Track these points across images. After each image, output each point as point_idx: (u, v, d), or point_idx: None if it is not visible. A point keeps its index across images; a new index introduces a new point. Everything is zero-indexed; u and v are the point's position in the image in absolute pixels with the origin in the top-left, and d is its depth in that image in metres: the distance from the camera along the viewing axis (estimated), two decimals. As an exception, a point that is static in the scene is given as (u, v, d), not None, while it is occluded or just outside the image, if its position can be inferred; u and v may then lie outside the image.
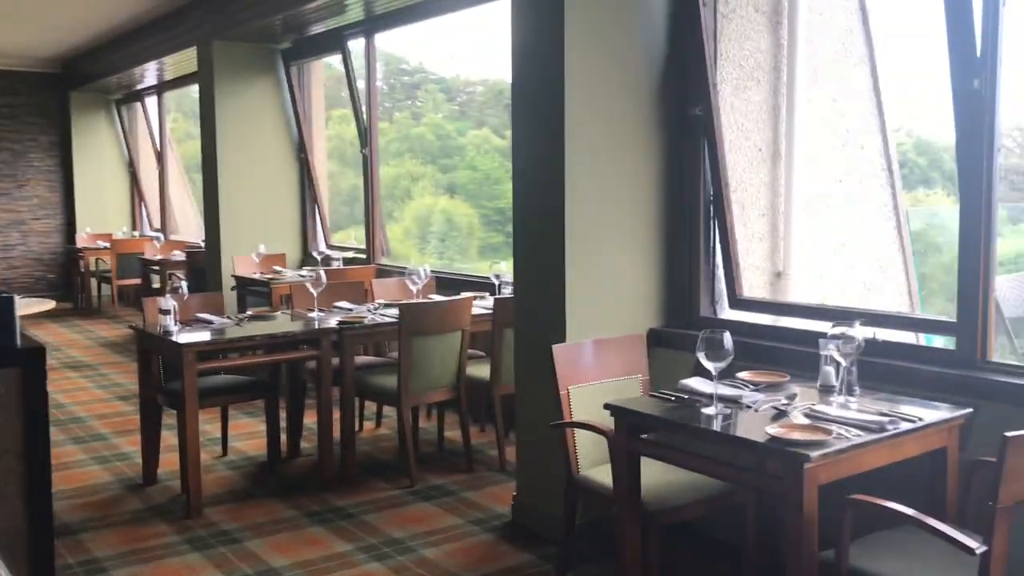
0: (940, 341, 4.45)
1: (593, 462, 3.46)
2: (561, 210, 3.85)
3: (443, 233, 14.12)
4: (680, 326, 4.18)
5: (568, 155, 3.83)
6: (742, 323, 4.09)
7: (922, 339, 3.97)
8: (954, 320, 3.27)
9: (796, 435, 2.57)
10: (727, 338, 2.86)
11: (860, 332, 2.99)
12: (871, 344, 3.21)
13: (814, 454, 2.46)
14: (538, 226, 4.02)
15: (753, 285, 4.38)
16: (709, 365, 2.88)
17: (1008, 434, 2.13)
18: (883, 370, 3.29)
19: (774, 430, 2.60)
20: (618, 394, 3.53)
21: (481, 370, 5.17)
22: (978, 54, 3.12)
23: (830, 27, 4.72)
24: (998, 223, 3.21)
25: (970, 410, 2.87)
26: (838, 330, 3.02)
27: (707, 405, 2.95)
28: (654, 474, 3.18)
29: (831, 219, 4.76)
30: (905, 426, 2.69)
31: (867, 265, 4.91)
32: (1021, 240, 10.15)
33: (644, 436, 3.02)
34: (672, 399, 3.06)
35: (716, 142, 4.05)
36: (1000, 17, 3.09)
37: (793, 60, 4.41)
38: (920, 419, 2.75)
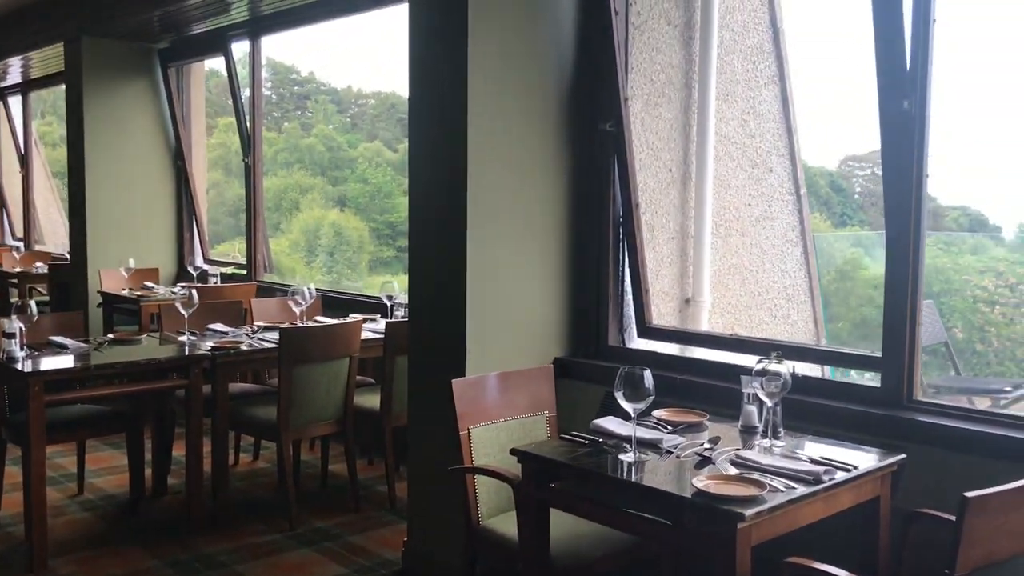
0: (840, 375, 4.31)
1: (496, 509, 3.12)
2: (462, 231, 3.52)
3: (332, 247, 13.62)
4: (587, 355, 3.90)
5: (470, 171, 3.50)
6: (652, 353, 3.84)
7: (826, 372, 3.80)
8: (879, 356, 3.08)
9: (727, 489, 2.30)
10: (648, 376, 2.57)
11: (785, 369, 2.76)
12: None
13: (748, 512, 2.18)
14: (436, 247, 3.68)
15: (662, 312, 4.14)
16: (628, 406, 2.58)
17: (968, 495, 1.90)
18: (804, 408, 3.06)
19: (702, 483, 2.32)
20: (523, 434, 3.21)
21: (371, 400, 4.78)
22: (907, 74, 2.94)
23: (741, 45, 4.56)
24: (924, 257, 3.04)
25: (903, 456, 2.66)
26: (762, 366, 2.77)
27: (624, 450, 2.65)
28: (564, 524, 2.86)
29: (740, 244, 4.58)
30: (840, 475, 2.45)
31: (775, 292, 4.76)
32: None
33: (554, 485, 2.70)
34: (585, 443, 2.75)
35: (627, 159, 3.80)
36: (931, 35, 2.92)
37: (706, 77, 4.21)
38: (855, 467, 2.52)
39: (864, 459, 2.62)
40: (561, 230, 3.83)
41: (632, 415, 2.60)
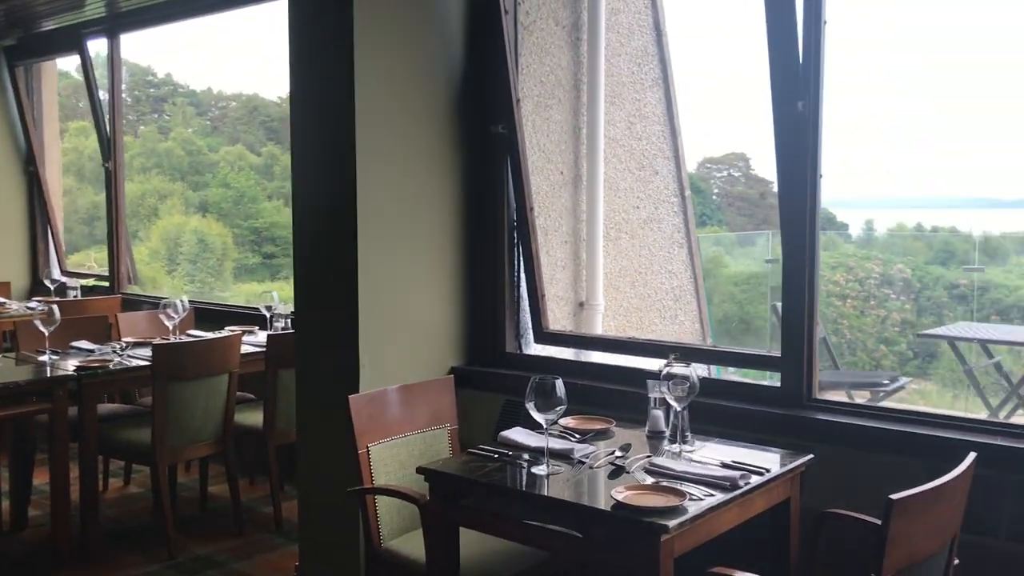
0: (733, 375, 4.36)
1: (398, 529, 2.97)
2: (352, 238, 3.35)
3: (194, 254, 13.04)
4: (485, 363, 3.79)
5: (360, 175, 3.34)
6: (550, 359, 3.78)
7: (712, 372, 3.83)
8: (779, 355, 3.10)
9: (648, 500, 2.24)
10: (559, 385, 2.49)
11: (693, 372, 2.73)
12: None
13: (672, 523, 2.13)
14: (325, 255, 3.50)
15: (557, 317, 4.08)
16: (540, 417, 2.49)
17: (893, 497, 1.89)
18: (706, 410, 3.05)
19: (622, 495, 2.25)
20: (424, 449, 3.08)
21: (252, 417, 4.53)
22: (801, 75, 2.97)
23: (627, 47, 4.56)
24: (820, 256, 3.07)
25: (811, 456, 2.67)
26: (668, 370, 2.73)
27: (536, 463, 2.56)
28: (474, 542, 2.75)
29: (629, 246, 4.58)
30: (755, 479, 2.43)
31: (664, 294, 4.78)
32: (750, 263, 10.79)
33: (463, 502, 2.58)
34: (494, 456, 2.64)
35: (520, 162, 3.72)
36: (822, 37, 2.96)
37: (594, 79, 4.19)
38: (767, 469, 2.51)
39: (773, 461, 2.61)
40: (455, 235, 3.71)
41: (544, 426, 2.51)
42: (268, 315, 5.03)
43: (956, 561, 2.21)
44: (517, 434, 2.80)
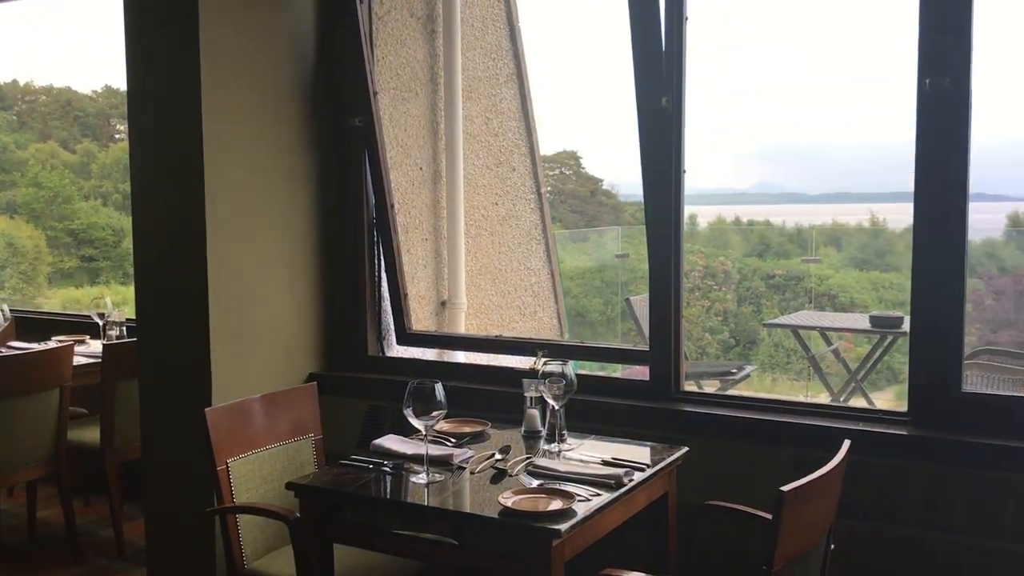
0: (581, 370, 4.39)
1: (263, 549, 2.78)
2: (201, 240, 3.13)
3: (3, 259, 12.06)
4: (345, 368, 3.64)
5: (208, 173, 3.13)
6: (415, 361, 3.67)
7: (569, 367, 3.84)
8: (647, 350, 3.11)
9: (536, 504, 2.17)
10: (439, 389, 2.38)
11: (569, 369, 2.68)
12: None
13: (563, 527, 2.07)
14: (170, 259, 3.25)
15: (420, 317, 3.97)
16: (419, 423, 2.38)
17: (784, 489, 1.90)
18: (578, 407, 3.01)
19: (509, 500, 2.17)
20: (288, 462, 2.90)
21: (88, 434, 4.18)
22: (664, 71, 2.99)
23: (481, 41, 4.49)
24: (682, 252, 3.10)
25: (686, 449, 2.68)
26: (548, 368, 2.67)
27: (414, 471, 2.45)
28: (348, 556, 2.61)
29: (489, 244, 4.52)
30: (638, 476, 2.41)
31: (523, 291, 4.75)
32: (584, 258, 11.05)
33: (338, 518, 2.44)
34: (369, 467, 2.51)
35: (379, 157, 3.58)
36: (684, 33, 2.98)
37: (451, 73, 4.10)
38: (647, 464, 2.50)
39: (650, 455, 2.61)
40: (312, 234, 3.54)
41: (423, 432, 2.41)
42: (101, 323, 4.65)
43: (832, 546, 2.26)
44: (391, 442, 2.68)
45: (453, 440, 2.75)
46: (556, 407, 2.66)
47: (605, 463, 2.50)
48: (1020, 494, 2.45)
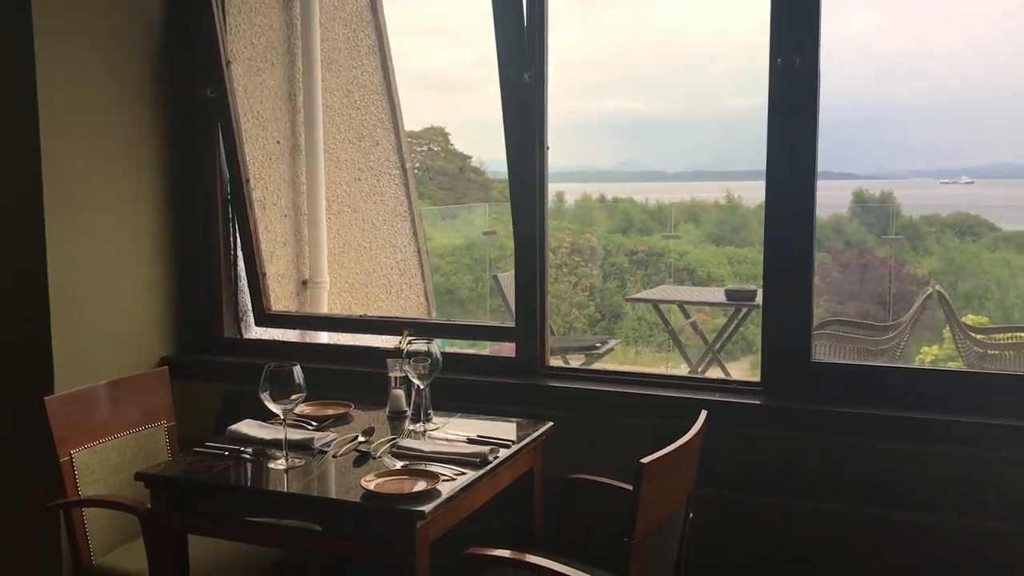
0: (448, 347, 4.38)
1: (113, 543, 2.64)
2: (39, 221, 2.93)
3: None
4: (200, 351, 3.49)
5: (45, 150, 2.92)
6: (275, 342, 3.55)
7: (436, 344, 3.81)
8: (513, 326, 3.10)
9: (400, 486, 2.13)
10: (298, 371, 2.30)
11: (435, 347, 2.65)
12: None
13: (428, 508, 2.04)
14: (4, 242, 3.02)
15: (279, 297, 3.84)
16: (276, 407, 2.30)
17: (643, 461, 1.93)
18: (444, 385, 2.98)
19: (372, 483, 2.12)
20: (138, 451, 2.76)
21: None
22: (527, 46, 2.96)
23: (341, 12, 4.37)
24: (547, 228, 3.10)
25: (551, 424, 2.69)
26: (413, 347, 2.63)
27: (273, 457, 2.37)
28: (204, 547, 2.50)
29: (352, 220, 4.42)
30: (503, 453, 2.40)
31: (389, 268, 4.68)
32: (454, 235, 11.06)
33: (192, 508, 2.33)
34: (225, 454, 2.41)
35: (233, 130, 3.42)
36: (546, 8, 2.97)
37: (309, 43, 3.96)
38: (512, 440, 2.49)
39: (516, 431, 2.61)
40: (162, 211, 3.36)
41: (281, 416, 2.32)
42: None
43: (691, 515, 2.31)
44: (248, 427, 2.58)
45: (315, 423, 2.67)
46: (421, 386, 2.62)
47: (471, 441, 2.49)
48: (867, 459, 2.57)
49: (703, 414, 2.27)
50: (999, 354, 4.81)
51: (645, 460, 1.94)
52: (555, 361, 3.23)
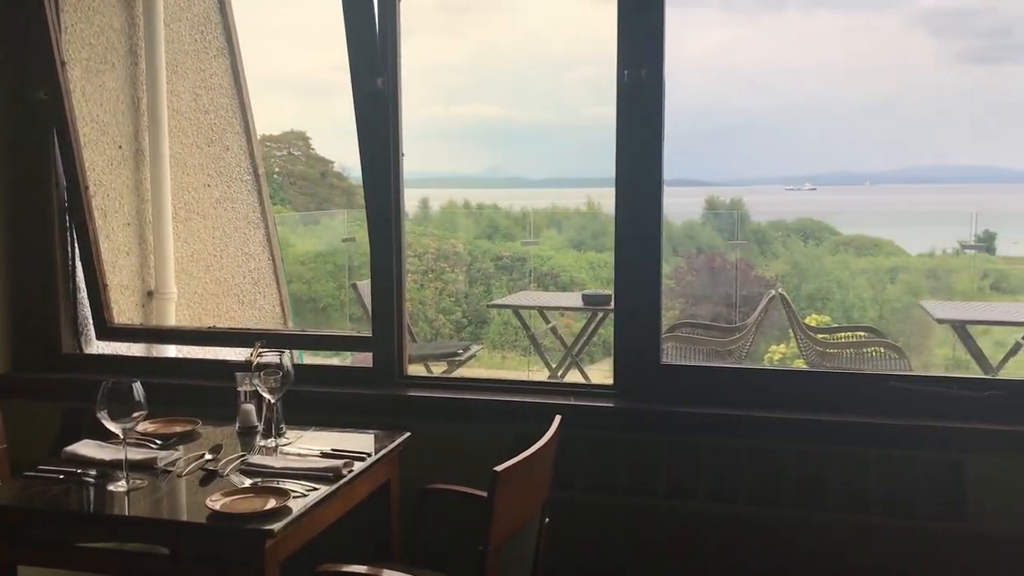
0: (309, 358, 4.31)
1: (-67, 580, 2.44)
2: None
3: None
4: (36, 368, 3.29)
5: None
6: (118, 357, 3.39)
7: (296, 356, 3.74)
8: (371, 336, 3.06)
9: (248, 505, 2.06)
10: (138, 388, 2.20)
11: (287, 360, 2.58)
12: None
13: (277, 526, 1.98)
14: None
15: (123, 309, 3.66)
16: (115, 427, 2.18)
17: (497, 469, 1.93)
18: (300, 398, 2.91)
19: (218, 503, 2.04)
20: (-36, 477, 2.57)
21: None
22: (379, 52, 2.93)
23: (187, 12, 4.21)
24: (404, 235, 3.07)
25: (408, 434, 2.66)
26: (261, 359, 2.55)
27: (113, 479, 2.25)
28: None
29: (202, 228, 4.26)
30: (358, 466, 2.36)
31: (241, 278, 4.53)
32: (316, 242, 10.91)
33: (22, 536, 2.18)
34: (60, 477, 2.27)
35: (69, 134, 3.24)
36: (399, 14, 2.94)
37: (153, 44, 3.79)
38: (368, 453, 2.45)
39: (372, 443, 2.57)
40: (-10, 220, 3.15)
41: (121, 436, 2.21)
42: None
43: (547, 520, 2.33)
44: (86, 447, 2.44)
45: (159, 442, 2.56)
46: (272, 400, 2.55)
47: (324, 455, 2.43)
48: (712, 458, 2.66)
49: (557, 419, 2.29)
50: (838, 353, 5.09)
51: (499, 468, 1.94)
52: (417, 369, 3.21)
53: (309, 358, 4.31)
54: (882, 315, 8.84)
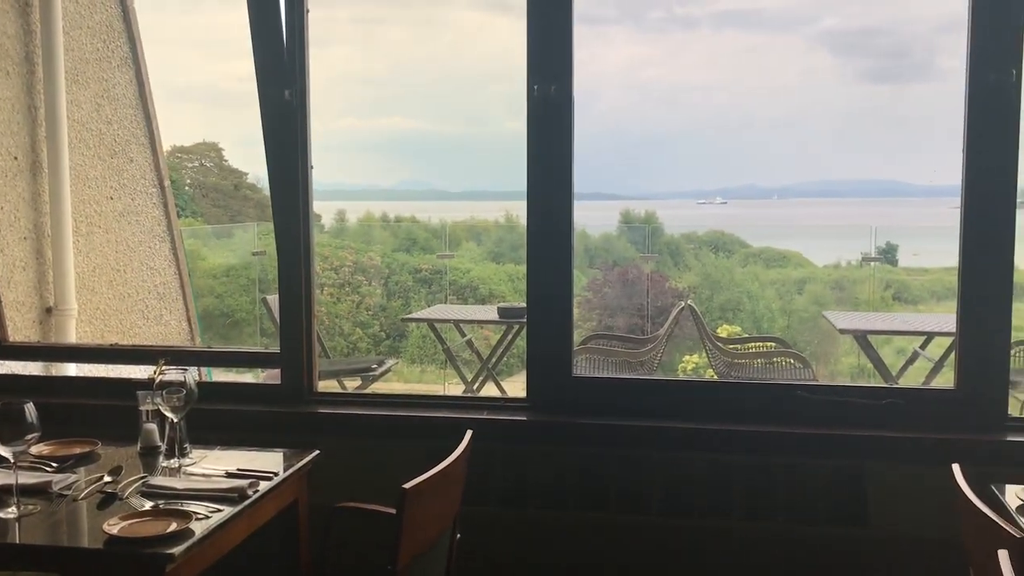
0: (222, 375, 4.20)
1: None
2: None
3: None
4: (-78, 390, 3.12)
5: None
6: (13, 377, 3.24)
7: (203, 373, 3.66)
8: (278, 352, 3.00)
9: (147, 529, 1.99)
10: (30, 410, 2.10)
11: (190, 377, 2.51)
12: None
13: (177, 550, 1.91)
14: None
15: (19, 326, 3.52)
16: (5, 450, 2.09)
17: (406, 486, 1.91)
18: (205, 417, 2.83)
19: (116, 527, 1.97)
20: None
21: None
22: (287, 64, 2.89)
23: (88, 20, 4.08)
24: (313, 249, 3.03)
25: (316, 452, 2.61)
26: (163, 377, 2.47)
27: (3, 504, 2.14)
28: (-82, 614, 2.22)
29: (104, 242, 4.12)
30: (264, 485, 2.30)
31: (146, 292, 4.40)
32: (228, 255, 10.71)
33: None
34: (-56, 505, 2.16)
35: (-40, 146, 3.11)
36: (307, 25, 2.91)
37: (51, 52, 3.67)
38: (275, 472, 2.40)
39: (280, 462, 2.51)
40: None
41: (12, 460, 2.11)
42: None
43: (458, 535, 2.32)
44: (-26, 473, 2.32)
45: (55, 464, 2.45)
46: (175, 419, 2.47)
47: (229, 475, 2.37)
48: (623, 470, 2.68)
49: (468, 434, 2.28)
50: (747, 363, 5.20)
51: (407, 485, 1.92)
52: (330, 385, 3.15)
53: (221, 375, 4.21)
54: (790, 325, 9.09)
